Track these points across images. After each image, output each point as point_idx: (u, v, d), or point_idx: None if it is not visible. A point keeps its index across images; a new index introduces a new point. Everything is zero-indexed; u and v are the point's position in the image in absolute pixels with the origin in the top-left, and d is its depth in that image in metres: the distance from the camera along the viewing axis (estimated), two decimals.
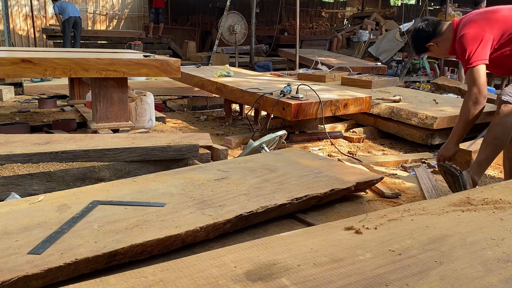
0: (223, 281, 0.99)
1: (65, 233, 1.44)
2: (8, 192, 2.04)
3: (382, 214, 1.40)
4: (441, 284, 0.99)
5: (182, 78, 5.37)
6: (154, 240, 1.44)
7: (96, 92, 3.22)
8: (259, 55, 11.28)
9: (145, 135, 2.88)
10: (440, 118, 3.58)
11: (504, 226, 1.30)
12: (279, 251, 1.14)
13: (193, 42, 12.68)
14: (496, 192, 1.62)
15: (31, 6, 11.58)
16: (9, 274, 1.19)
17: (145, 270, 1.05)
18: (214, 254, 1.13)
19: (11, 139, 2.57)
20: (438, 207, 1.45)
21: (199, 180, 2.03)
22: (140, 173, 2.36)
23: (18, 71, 2.81)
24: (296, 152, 2.63)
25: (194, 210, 1.67)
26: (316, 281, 0.99)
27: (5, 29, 9.19)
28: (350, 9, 19.42)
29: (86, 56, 3.08)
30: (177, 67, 3.30)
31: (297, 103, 3.41)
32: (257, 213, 1.72)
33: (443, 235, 1.24)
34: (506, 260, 1.09)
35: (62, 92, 5.68)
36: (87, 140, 2.64)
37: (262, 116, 4.35)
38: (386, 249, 1.15)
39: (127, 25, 14.97)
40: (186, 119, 4.88)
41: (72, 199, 1.74)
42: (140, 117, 3.49)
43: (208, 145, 2.76)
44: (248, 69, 8.17)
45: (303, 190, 1.95)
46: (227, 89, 4.33)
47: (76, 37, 9.88)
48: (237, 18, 9.05)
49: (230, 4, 9.01)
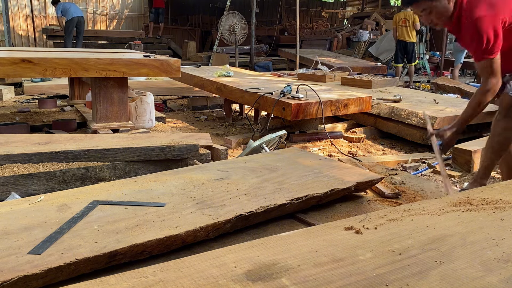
0: (223, 281, 0.99)
1: (65, 233, 1.44)
2: (8, 192, 2.04)
3: (382, 214, 1.40)
4: (441, 284, 0.99)
5: (182, 78, 5.37)
6: (154, 240, 1.44)
7: (96, 92, 3.22)
8: (259, 55, 11.28)
9: (145, 135, 2.88)
10: (440, 118, 3.59)
11: (504, 226, 1.30)
12: (279, 251, 1.14)
13: (193, 42, 12.68)
14: (496, 192, 1.62)
15: (31, 6, 11.58)
16: (9, 274, 1.19)
17: (145, 270, 1.05)
18: (214, 254, 1.13)
19: (11, 139, 2.57)
20: (438, 207, 1.45)
21: (199, 180, 2.03)
22: (140, 173, 2.36)
23: (18, 71, 2.81)
24: (296, 152, 2.63)
25: (194, 210, 1.67)
26: (316, 281, 0.99)
27: (5, 29, 9.20)
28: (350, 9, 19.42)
29: (86, 56, 3.08)
30: (177, 67, 3.30)
31: (297, 103, 3.41)
32: (257, 213, 1.72)
33: (443, 235, 1.24)
34: (506, 260, 1.09)
35: (62, 92, 5.68)
36: (87, 140, 2.64)
37: (262, 116, 4.35)
38: (386, 249, 1.15)
39: (127, 25, 14.97)
40: (186, 119, 4.88)
41: (72, 199, 1.74)
42: (140, 117, 3.49)
43: (208, 145, 2.76)
44: (248, 69, 8.17)
45: (303, 190, 1.94)
46: (227, 89, 4.33)
47: (79, 37, 9.89)
48: (237, 18, 9.05)
49: (230, 4, 9.01)
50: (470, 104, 2.20)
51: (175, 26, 15.58)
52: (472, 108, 2.18)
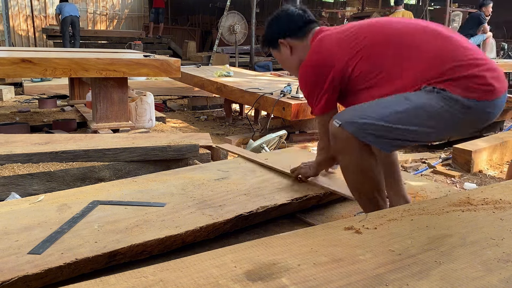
0: (223, 281, 0.99)
1: (65, 233, 1.44)
2: (8, 192, 2.04)
3: (382, 214, 1.40)
4: (441, 284, 0.99)
5: (182, 78, 5.37)
6: (154, 240, 1.44)
7: (96, 92, 3.22)
8: (259, 55, 11.26)
9: (145, 135, 2.88)
10: None
11: (504, 226, 1.30)
12: (279, 251, 1.14)
13: (193, 42, 12.68)
14: (496, 192, 1.62)
15: (31, 6, 11.59)
16: (9, 274, 1.19)
17: (145, 270, 1.05)
18: (214, 254, 1.13)
19: (11, 139, 2.57)
20: (438, 207, 1.45)
21: (199, 180, 2.03)
22: (140, 173, 2.36)
23: (18, 71, 2.81)
24: (296, 152, 2.63)
25: (194, 210, 1.67)
26: (316, 281, 0.99)
27: (5, 29, 9.21)
28: (350, 9, 19.41)
29: (86, 56, 3.08)
30: (177, 67, 3.30)
31: (297, 103, 3.41)
32: (257, 213, 1.72)
33: (443, 235, 1.24)
34: (506, 260, 1.10)
35: (62, 92, 5.68)
36: (87, 140, 2.64)
37: (262, 116, 4.35)
38: (386, 249, 1.15)
39: (127, 25, 14.97)
40: (186, 119, 4.88)
41: (72, 199, 1.74)
42: (140, 117, 3.49)
43: (208, 145, 2.76)
44: (248, 69, 8.17)
45: (303, 190, 1.94)
46: (227, 89, 4.33)
47: (75, 36, 9.92)
48: (237, 18, 9.05)
49: (230, 4, 9.01)
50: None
51: (175, 26, 15.58)
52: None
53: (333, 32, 1.70)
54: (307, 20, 1.78)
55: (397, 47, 1.55)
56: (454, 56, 1.47)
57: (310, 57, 1.68)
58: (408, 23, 1.63)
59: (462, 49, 1.49)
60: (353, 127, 1.48)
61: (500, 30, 12.70)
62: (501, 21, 12.36)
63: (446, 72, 1.46)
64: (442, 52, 1.49)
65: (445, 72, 1.46)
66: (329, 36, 1.68)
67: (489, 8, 7.51)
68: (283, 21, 1.79)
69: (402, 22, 1.65)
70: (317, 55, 1.66)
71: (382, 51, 1.56)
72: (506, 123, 4.56)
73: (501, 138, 3.39)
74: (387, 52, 1.55)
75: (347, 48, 1.60)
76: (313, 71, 1.65)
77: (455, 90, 1.43)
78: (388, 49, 1.56)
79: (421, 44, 1.53)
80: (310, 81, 1.67)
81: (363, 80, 1.59)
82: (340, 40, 1.64)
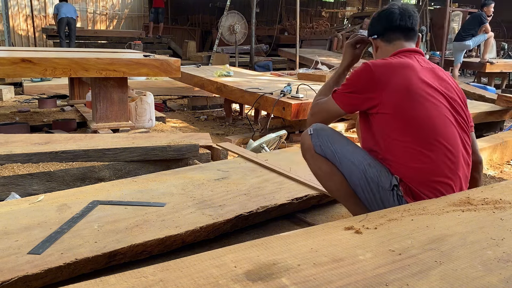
0: (223, 281, 0.99)
1: (65, 233, 1.44)
2: (8, 192, 2.04)
3: (382, 214, 1.40)
4: (441, 283, 0.99)
5: (182, 78, 5.37)
6: (154, 240, 1.44)
7: (96, 92, 3.22)
8: (259, 55, 11.27)
9: (145, 135, 2.88)
10: None
11: (504, 226, 1.30)
12: (279, 251, 1.14)
13: (193, 42, 12.68)
14: (496, 192, 1.62)
15: (31, 6, 11.59)
16: (9, 274, 1.19)
17: (145, 270, 1.05)
18: (214, 254, 1.13)
19: (11, 139, 2.57)
20: (438, 207, 1.45)
21: (199, 180, 2.03)
22: (140, 173, 2.36)
23: (18, 71, 2.81)
24: (296, 152, 2.63)
25: (194, 210, 1.67)
26: (316, 281, 0.99)
27: (5, 29, 9.21)
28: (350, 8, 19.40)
29: (86, 56, 3.08)
30: (177, 67, 3.30)
31: (297, 103, 3.41)
32: (257, 213, 1.72)
33: (443, 235, 1.24)
34: (506, 260, 1.09)
35: (62, 92, 5.68)
36: (87, 140, 2.64)
37: (262, 116, 4.35)
38: (386, 249, 1.15)
39: (127, 25, 14.97)
40: (186, 119, 4.88)
41: (72, 199, 1.74)
42: (140, 117, 3.49)
43: (208, 145, 2.76)
44: (248, 69, 8.17)
45: (303, 190, 1.95)
46: (227, 89, 4.33)
47: (71, 37, 9.96)
48: (237, 18, 9.05)
49: (230, 4, 9.01)
50: None
51: (175, 26, 15.58)
52: None
53: (415, 67, 1.60)
54: (403, 27, 1.73)
55: (418, 143, 1.53)
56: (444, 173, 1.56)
57: (380, 63, 1.61)
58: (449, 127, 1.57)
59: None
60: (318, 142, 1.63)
61: (501, 30, 12.71)
62: (500, 20, 12.37)
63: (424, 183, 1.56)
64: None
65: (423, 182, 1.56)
66: (407, 66, 1.59)
67: (490, 8, 7.50)
68: (382, 21, 1.78)
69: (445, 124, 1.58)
70: (383, 68, 1.59)
71: (404, 137, 1.55)
72: (506, 123, 4.56)
73: (501, 138, 3.39)
74: (406, 139, 1.54)
75: (398, 97, 1.54)
76: (369, 76, 1.58)
77: (407, 197, 1.56)
78: (409, 138, 1.54)
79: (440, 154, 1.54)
80: (358, 78, 1.61)
81: (374, 126, 1.61)
82: (406, 81, 1.55)
